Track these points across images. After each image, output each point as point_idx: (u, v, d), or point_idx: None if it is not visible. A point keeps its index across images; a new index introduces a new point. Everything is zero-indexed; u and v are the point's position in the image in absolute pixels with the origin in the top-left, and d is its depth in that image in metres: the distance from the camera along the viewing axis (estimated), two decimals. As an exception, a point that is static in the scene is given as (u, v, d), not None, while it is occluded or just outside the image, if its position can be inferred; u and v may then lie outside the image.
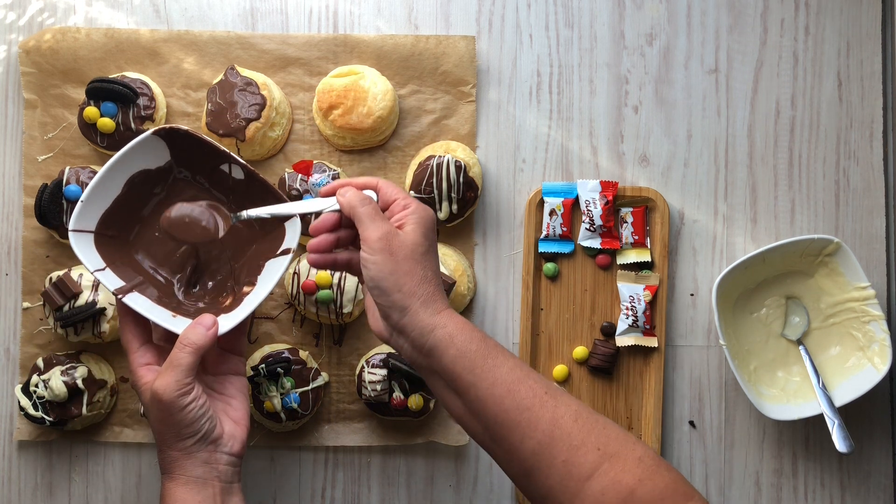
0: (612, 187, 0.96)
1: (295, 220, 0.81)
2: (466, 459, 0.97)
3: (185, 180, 0.83)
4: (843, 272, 0.93)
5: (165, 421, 0.73)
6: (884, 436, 0.98)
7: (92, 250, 0.79)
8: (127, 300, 0.77)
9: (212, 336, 0.75)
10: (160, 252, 0.83)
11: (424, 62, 0.96)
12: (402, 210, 0.75)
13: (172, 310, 0.80)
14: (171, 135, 0.79)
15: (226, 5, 0.98)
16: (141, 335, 0.78)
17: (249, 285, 0.82)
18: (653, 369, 0.96)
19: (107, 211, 0.80)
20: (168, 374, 0.73)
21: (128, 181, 0.80)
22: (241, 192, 0.82)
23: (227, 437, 0.76)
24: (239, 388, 0.80)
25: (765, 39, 0.99)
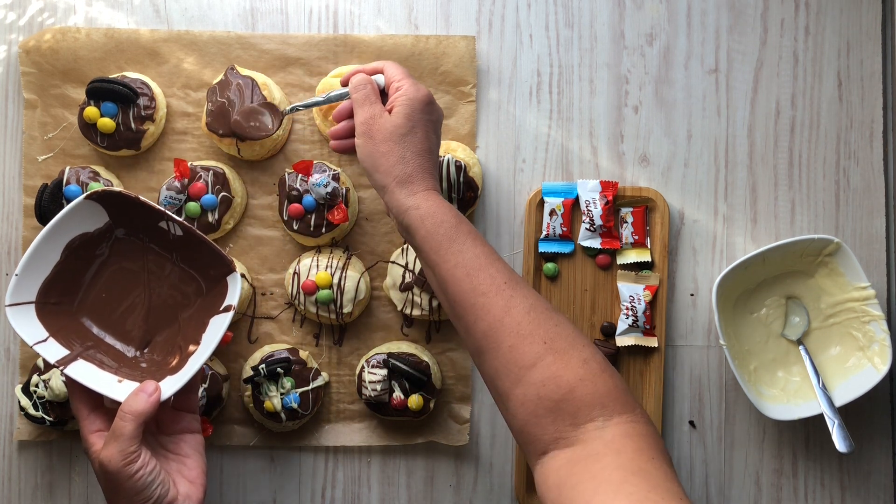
0: (612, 187, 0.96)
1: (235, 276, 0.80)
2: (466, 459, 0.97)
3: (127, 239, 0.82)
4: (843, 272, 0.93)
5: (115, 490, 0.72)
6: (884, 436, 0.98)
7: (33, 322, 0.77)
8: (68, 371, 0.75)
9: (153, 403, 0.74)
10: (107, 315, 0.82)
11: (424, 62, 0.96)
12: (394, 92, 0.80)
13: (121, 374, 0.78)
14: (105, 198, 0.78)
15: (226, 5, 0.98)
16: (89, 402, 0.76)
17: (195, 344, 0.80)
18: (653, 369, 0.96)
19: (47, 279, 0.78)
20: (111, 444, 0.72)
21: (66, 246, 0.79)
22: (182, 248, 0.81)
23: (182, 499, 0.74)
24: (194, 446, 0.78)
25: (765, 39, 0.99)
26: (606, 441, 0.67)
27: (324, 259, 0.93)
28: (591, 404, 0.68)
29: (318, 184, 0.90)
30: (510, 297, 0.72)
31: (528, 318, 0.71)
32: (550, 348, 0.70)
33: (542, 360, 0.70)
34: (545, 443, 0.69)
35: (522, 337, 0.70)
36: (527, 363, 0.70)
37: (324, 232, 0.92)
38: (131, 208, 0.79)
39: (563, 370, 0.69)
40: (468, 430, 0.96)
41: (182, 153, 0.95)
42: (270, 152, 0.95)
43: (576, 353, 0.70)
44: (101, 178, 0.92)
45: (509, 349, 0.71)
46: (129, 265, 0.82)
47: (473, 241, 0.75)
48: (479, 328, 0.72)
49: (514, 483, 0.96)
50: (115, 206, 0.79)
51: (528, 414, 0.69)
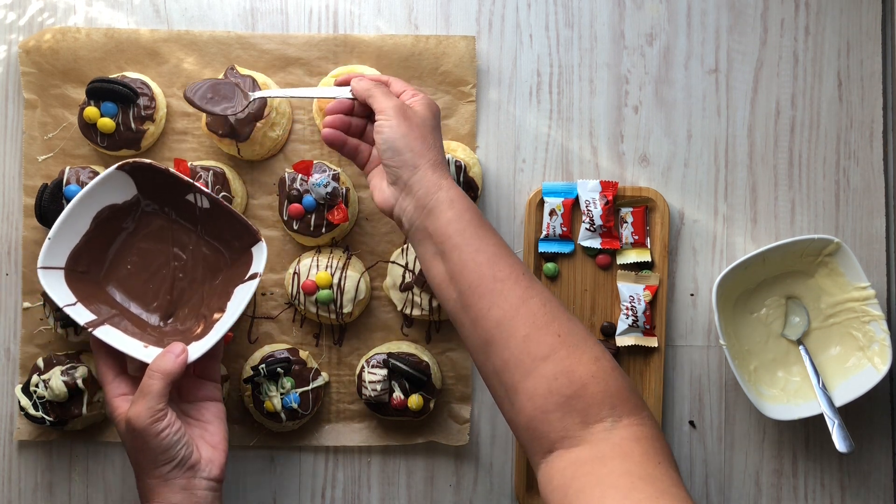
0: (612, 187, 0.96)
1: (261, 246, 0.82)
2: (466, 459, 0.97)
3: (154, 212, 0.84)
4: (843, 272, 0.93)
5: (140, 449, 0.74)
6: (884, 436, 0.98)
7: (62, 286, 0.80)
8: (98, 333, 0.78)
9: (181, 363, 0.76)
10: (132, 285, 0.84)
11: (424, 62, 0.96)
12: (411, 97, 0.81)
13: (145, 341, 0.80)
14: (135, 169, 0.80)
15: (226, 5, 0.98)
16: (115, 367, 0.78)
17: (220, 312, 0.82)
18: (653, 369, 0.96)
19: (76, 247, 0.81)
20: (140, 401, 0.74)
21: (95, 217, 0.81)
22: (208, 220, 0.83)
23: (205, 463, 0.76)
24: (215, 413, 0.80)
25: (765, 39, 0.99)
26: (614, 443, 0.66)
27: (324, 259, 0.93)
28: (602, 403, 0.67)
29: (318, 184, 0.90)
30: (528, 287, 0.72)
31: (544, 309, 0.71)
32: (564, 342, 0.69)
33: (556, 353, 0.69)
34: (551, 441, 0.68)
35: (538, 328, 0.70)
36: (540, 355, 0.69)
37: (324, 232, 0.92)
38: (160, 180, 0.81)
39: (577, 365, 0.68)
40: (468, 430, 0.96)
41: (182, 153, 0.96)
42: (270, 152, 0.95)
43: (588, 349, 0.70)
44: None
45: (524, 339, 0.70)
46: (155, 238, 0.85)
47: (493, 232, 0.76)
48: (494, 315, 0.71)
49: (514, 483, 0.96)
50: (145, 178, 0.80)
51: (536, 409, 0.68)
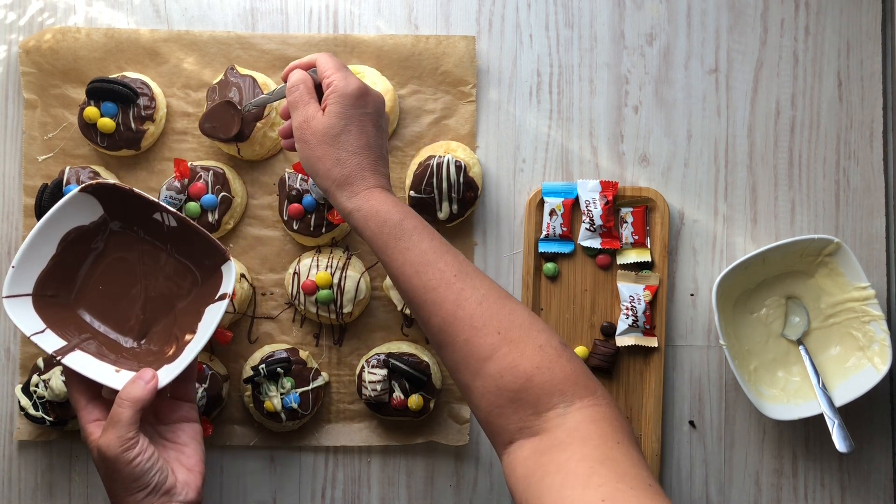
0: (612, 187, 0.96)
1: (230, 265, 0.80)
2: (466, 459, 0.97)
3: (122, 232, 0.83)
4: (843, 272, 0.93)
5: (112, 477, 0.73)
6: (884, 436, 0.98)
7: (30, 314, 0.78)
8: (66, 361, 0.76)
9: (150, 390, 0.74)
10: (104, 307, 0.83)
11: (424, 62, 0.96)
12: (327, 88, 0.78)
13: (118, 364, 0.79)
14: (99, 190, 0.79)
15: (226, 5, 0.98)
16: (86, 392, 0.77)
17: (191, 333, 0.81)
18: (653, 369, 0.96)
19: (43, 271, 0.79)
20: (110, 430, 0.72)
21: (62, 239, 0.79)
22: (177, 239, 0.82)
23: (180, 486, 0.74)
24: (192, 435, 0.79)
25: (765, 39, 0.99)
26: (570, 428, 0.66)
27: (324, 259, 0.93)
28: (551, 392, 0.67)
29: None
30: (460, 291, 0.72)
31: (480, 309, 0.71)
32: (505, 338, 0.70)
33: (497, 351, 0.69)
34: (510, 433, 0.69)
35: (476, 329, 0.70)
36: (483, 355, 0.70)
37: (324, 232, 0.92)
38: (126, 200, 0.80)
39: (519, 359, 0.69)
40: (468, 429, 0.96)
41: (182, 153, 0.96)
42: (270, 152, 0.95)
43: (531, 340, 0.70)
44: (101, 177, 0.92)
45: (465, 342, 0.70)
46: (125, 257, 0.83)
47: (420, 237, 0.75)
48: (434, 323, 0.72)
49: (514, 483, 0.96)
50: (110, 198, 0.80)
51: (490, 405, 0.69)
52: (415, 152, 0.96)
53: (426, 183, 0.91)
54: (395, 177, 0.96)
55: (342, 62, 0.80)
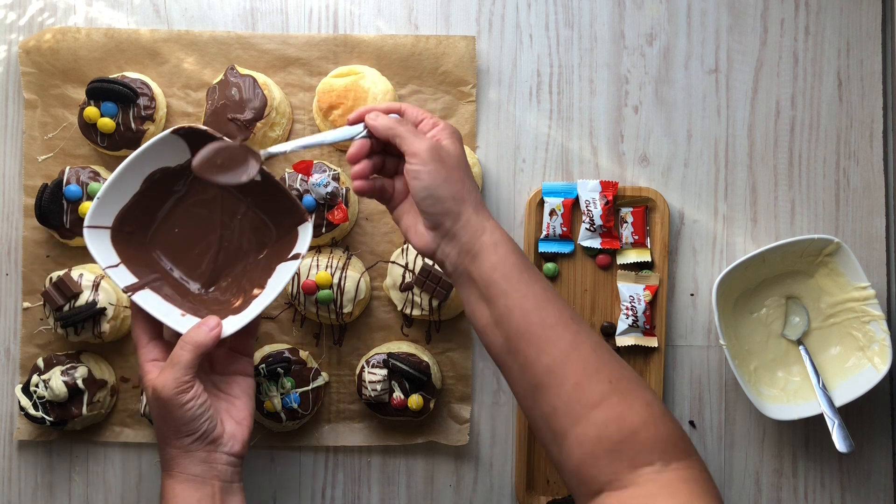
0: (612, 187, 0.96)
1: (307, 226, 0.81)
2: (466, 459, 0.97)
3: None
4: (843, 272, 0.93)
5: (164, 418, 0.74)
6: (884, 436, 0.98)
7: (107, 247, 0.79)
8: (136, 298, 0.77)
9: (214, 337, 0.76)
10: (177, 250, 0.84)
11: (424, 62, 0.96)
12: (432, 128, 0.76)
13: (184, 308, 0.80)
14: (190, 134, 0.79)
15: (226, 5, 0.98)
16: (150, 331, 0.78)
17: (259, 288, 0.82)
18: (653, 369, 0.96)
19: (125, 207, 0.80)
20: (168, 371, 0.74)
21: (146, 178, 0.81)
22: (259, 193, 0.83)
23: (227, 437, 0.76)
24: (244, 388, 0.80)
25: (765, 39, 0.99)
26: (662, 484, 0.65)
27: (324, 259, 0.93)
28: (652, 448, 0.66)
29: (318, 184, 0.90)
30: (577, 332, 0.70)
31: (595, 355, 0.69)
32: (616, 388, 0.68)
33: (607, 399, 0.68)
34: (599, 483, 0.67)
35: (589, 375, 0.68)
36: (591, 402, 0.68)
37: (324, 232, 0.92)
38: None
39: (628, 411, 0.67)
40: (468, 430, 0.96)
41: (182, 153, 0.96)
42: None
43: (640, 394, 0.69)
44: (101, 178, 0.92)
45: (574, 386, 0.68)
46: (204, 204, 0.84)
47: (539, 275, 0.73)
48: (543, 362, 0.69)
49: (514, 483, 0.96)
50: (199, 144, 0.79)
51: (586, 454, 0.67)
52: (415, 152, 0.96)
53: (426, 183, 0.91)
54: (395, 177, 0.96)
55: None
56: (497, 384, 0.97)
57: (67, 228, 0.91)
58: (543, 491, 0.96)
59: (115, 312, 0.91)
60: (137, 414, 0.95)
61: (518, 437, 0.96)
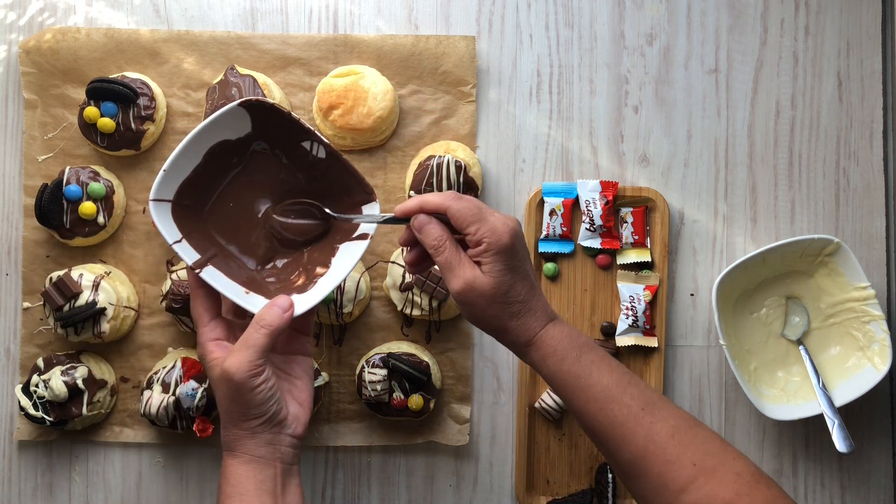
0: (612, 187, 0.96)
1: (374, 206, 0.80)
2: (466, 459, 0.97)
3: (263, 153, 0.81)
4: (843, 272, 0.93)
5: (234, 399, 0.73)
6: (884, 436, 0.98)
7: (170, 221, 0.77)
8: (203, 275, 0.76)
9: (288, 318, 0.75)
10: (233, 224, 0.82)
11: (424, 62, 0.96)
12: (475, 246, 0.72)
13: (244, 285, 0.78)
14: (256, 107, 0.78)
15: (226, 5, 0.98)
16: (212, 309, 0.77)
17: (323, 266, 0.80)
18: (653, 369, 0.96)
19: (185, 180, 0.78)
20: (241, 353, 0.72)
21: (208, 151, 0.78)
22: (320, 171, 0.81)
23: (291, 419, 0.75)
24: (305, 368, 0.79)
25: (765, 39, 0.99)
26: None
27: (324, 259, 0.93)
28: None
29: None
30: (650, 425, 0.70)
31: (672, 442, 0.69)
32: (700, 469, 0.68)
33: (693, 482, 0.67)
34: None
35: (669, 463, 0.68)
36: (677, 488, 0.68)
37: (324, 232, 0.92)
38: (277, 122, 0.78)
39: (717, 489, 0.67)
40: (468, 430, 0.96)
41: (182, 153, 0.95)
42: (270, 152, 0.95)
43: (727, 468, 0.68)
44: (101, 177, 0.92)
45: (657, 476, 0.69)
46: (262, 180, 0.82)
47: (600, 372, 0.72)
48: (623, 458, 0.70)
49: (514, 483, 0.96)
50: (263, 117, 0.78)
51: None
52: (415, 152, 0.96)
53: (426, 183, 0.91)
54: (395, 177, 0.96)
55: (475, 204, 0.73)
56: (497, 384, 0.97)
57: (67, 228, 0.91)
58: (543, 491, 0.96)
59: (115, 312, 0.91)
60: (137, 414, 0.95)
61: (518, 437, 0.96)
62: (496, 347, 0.97)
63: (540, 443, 0.97)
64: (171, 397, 0.90)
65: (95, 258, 0.95)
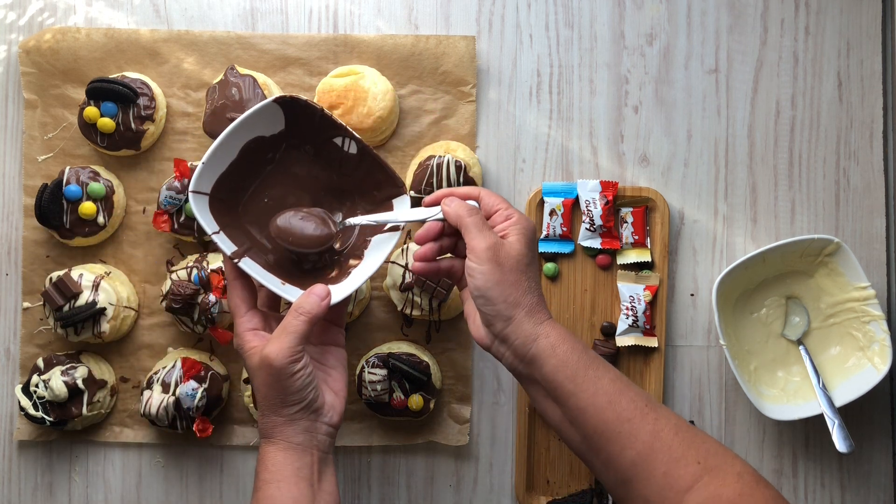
0: (612, 187, 0.96)
1: (405, 199, 0.81)
2: (466, 459, 0.97)
3: (297, 149, 0.82)
4: (843, 272, 0.93)
5: (273, 386, 0.73)
6: (884, 436, 0.98)
7: (207, 213, 0.78)
8: (242, 265, 0.77)
9: (325, 306, 0.75)
10: (267, 219, 0.82)
11: (424, 62, 0.96)
12: (504, 220, 0.76)
13: (280, 277, 0.79)
14: (290, 104, 0.79)
15: (226, 5, 0.98)
16: (248, 300, 0.78)
17: (356, 258, 0.82)
18: (653, 369, 0.96)
19: (222, 175, 0.79)
20: (281, 339, 0.73)
21: (243, 147, 0.80)
22: (352, 166, 0.82)
23: (327, 408, 0.76)
24: (339, 358, 0.80)
25: (765, 39, 0.99)
26: None
27: (324, 259, 0.93)
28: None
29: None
30: (656, 420, 0.69)
31: (677, 438, 0.69)
32: (705, 467, 0.68)
33: (698, 481, 0.67)
34: None
35: (675, 461, 0.68)
36: (683, 487, 0.67)
37: (324, 232, 0.92)
38: (311, 118, 0.80)
39: (721, 488, 0.67)
40: (468, 430, 0.96)
41: (182, 153, 0.96)
42: (270, 152, 0.95)
43: (729, 468, 0.68)
44: (101, 177, 0.92)
45: (663, 475, 0.68)
46: (295, 175, 0.83)
47: (606, 367, 0.73)
48: (627, 457, 0.69)
49: (514, 483, 0.96)
50: (296, 114, 0.79)
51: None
52: (415, 152, 0.96)
53: (426, 183, 0.91)
54: (395, 177, 0.97)
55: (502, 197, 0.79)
56: (497, 384, 0.97)
57: (67, 228, 0.91)
58: (543, 491, 0.96)
59: (115, 312, 0.91)
60: (137, 414, 0.95)
61: (518, 437, 0.96)
62: (496, 347, 0.97)
63: (540, 443, 0.97)
64: (171, 397, 0.90)
65: (95, 258, 0.95)
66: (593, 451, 0.71)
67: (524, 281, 0.74)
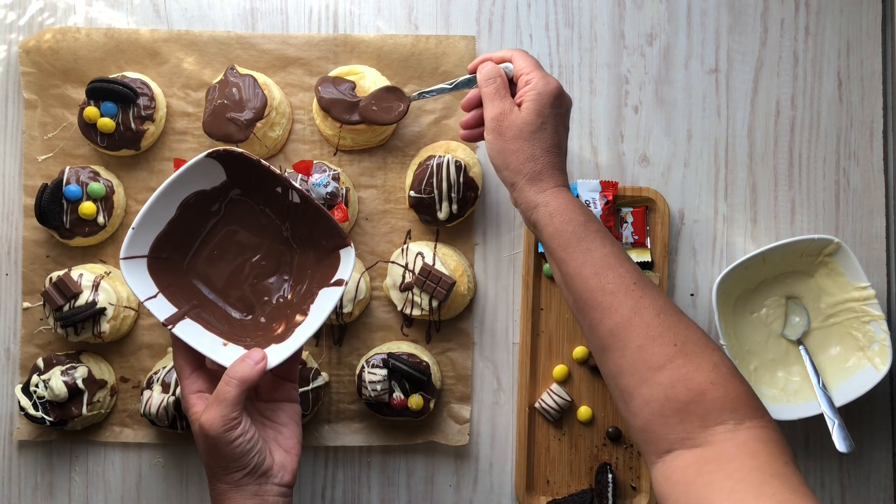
0: (612, 187, 0.96)
1: (349, 251, 0.80)
2: (466, 459, 0.97)
3: (242, 201, 0.81)
4: (843, 272, 0.93)
5: (212, 454, 0.72)
6: (884, 436, 0.98)
7: (144, 276, 0.77)
8: (176, 331, 0.75)
9: (259, 371, 0.74)
10: (215, 274, 0.82)
11: (424, 62, 0.96)
12: (524, 85, 0.78)
13: (226, 336, 0.78)
14: (225, 157, 0.78)
15: (226, 5, 0.98)
16: (192, 362, 0.76)
17: (302, 314, 0.80)
18: (653, 369, 0.96)
19: (161, 234, 0.78)
20: (214, 408, 0.72)
21: (182, 203, 0.78)
22: (297, 216, 0.81)
23: (277, 468, 0.74)
24: (291, 415, 0.78)
25: (765, 39, 0.99)
26: (739, 443, 0.66)
27: (324, 259, 0.93)
28: (722, 408, 0.67)
29: (318, 184, 0.90)
30: (639, 298, 0.71)
31: (657, 319, 0.70)
32: (681, 351, 0.69)
33: (672, 361, 0.68)
34: (670, 442, 0.68)
35: (652, 338, 0.69)
36: (655, 364, 0.68)
37: (324, 232, 0.92)
38: (250, 170, 0.79)
39: (694, 372, 0.68)
40: (468, 430, 0.96)
41: (182, 153, 0.96)
42: (270, 152, 0.95)
43: (706, 356, 0.69)
44: (101, 178, 0.92)
45: (638, 349, 0.69)
46: (242, 227, 0.82)
47: (602, 240, 0.74)
48: (606, 326, 0.71)
49: (514, 483, 0.96)
50: (234, 166, 0.79)
51: (653, 413, 0.68)
52: (415, 152, 0.96)
53: (426, 183, 0.91)
54: (395, 177, 0.96)
55: (536, 59, 0.80)
56: (497, 384, 0.97)
57: (67, 228, 0.91)
58: (543, 491, 0.96)
59: (115, 312, 0.91)
60: (137, 414, 0.95)
61: (518, 437, 0.96)
62: (496, 347, 0.97)
63: (540, 443, 0.97)
64: (171, 397, 0.90)
65: (95, 258, 0.95)
66: (580, 315, 0.74)
67: (527, 149, 0.76)
